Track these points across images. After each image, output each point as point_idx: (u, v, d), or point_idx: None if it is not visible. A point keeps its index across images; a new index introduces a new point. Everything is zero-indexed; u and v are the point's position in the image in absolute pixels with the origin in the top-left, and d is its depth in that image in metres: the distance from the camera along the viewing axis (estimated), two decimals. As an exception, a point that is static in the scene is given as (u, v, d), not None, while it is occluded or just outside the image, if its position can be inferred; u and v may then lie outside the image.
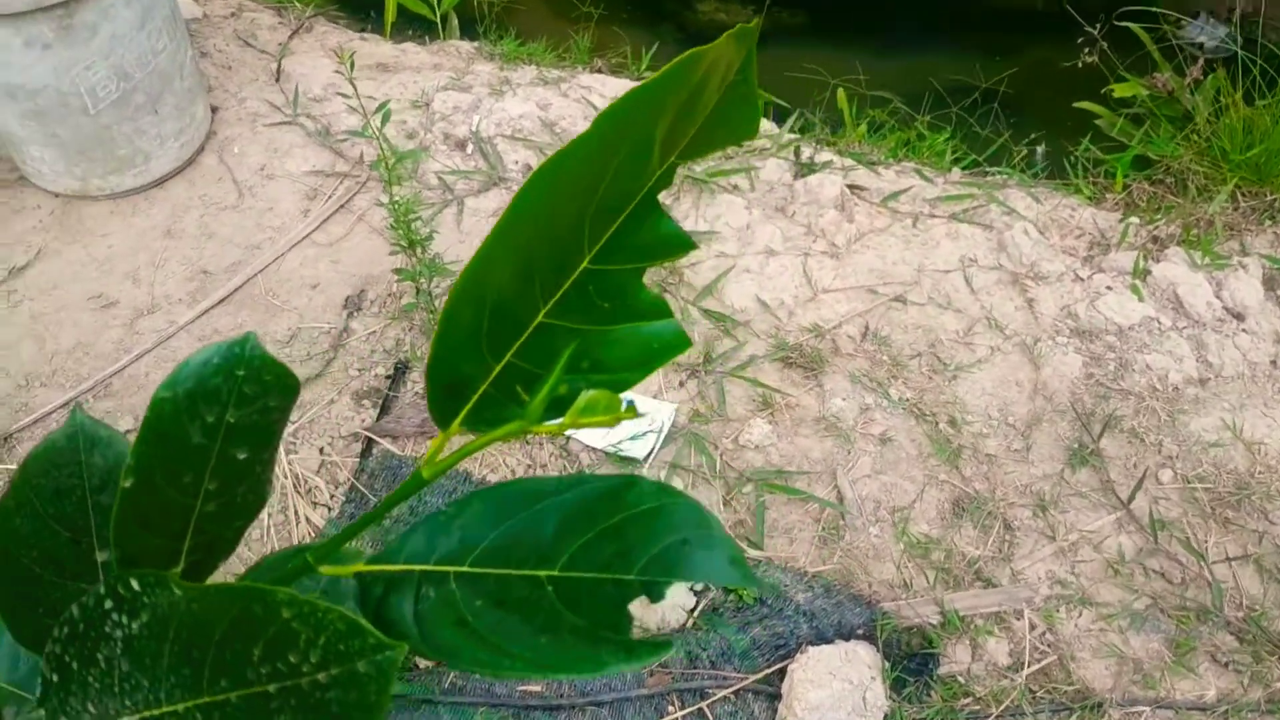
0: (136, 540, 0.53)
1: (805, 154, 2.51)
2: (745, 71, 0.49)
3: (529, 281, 0.49)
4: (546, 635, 0.50)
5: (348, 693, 0.41)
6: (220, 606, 0.42)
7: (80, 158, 2.29)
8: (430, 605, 0.52)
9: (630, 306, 0.54)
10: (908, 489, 1.92)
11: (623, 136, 0.45)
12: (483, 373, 0.51)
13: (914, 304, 2.20)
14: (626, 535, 0.53)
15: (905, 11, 4.56)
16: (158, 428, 0.51)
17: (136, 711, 0.45)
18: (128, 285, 2.24)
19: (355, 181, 2.44)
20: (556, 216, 0.47)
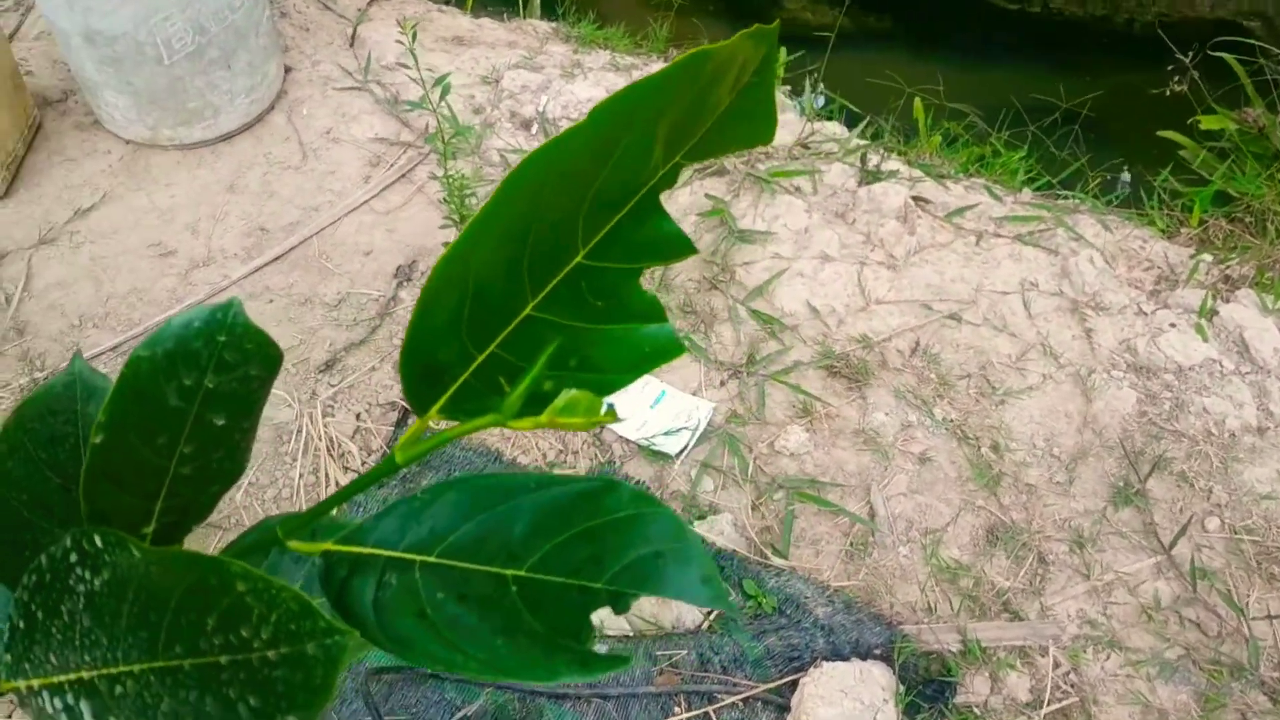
0: (107, 496, 0.53)
1: (872, 161, 2.47)
2: (763, 74, 0.47)
3: (517, 271, 0.48)
4: (503, 637, 0.48)
5: (295, 673, 0.40)
6: (177, 573, 0.41)
7: (152, 107, 2.33)
8: (391, 593, 0.50)
9: (624, 306, 0.52)
10: (942, 511, 1.88)
11: (621, 130, 0.44)
12: (463, 361, 0.50)
13: (968, 323, 2.16)
14: (600, 541, 0.51)
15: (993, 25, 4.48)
16: (134, 385, 0.51)
17: (95, 668, 0.45)
18: (186, 236, 2.27)
19: (418, 152, 2.45)
20: (549, 206, 0.45)
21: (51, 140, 2.47)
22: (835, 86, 2.87)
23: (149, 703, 0.43)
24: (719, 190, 2.37)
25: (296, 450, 1.90)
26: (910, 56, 4.15)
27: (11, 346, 2.05)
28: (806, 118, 2.65)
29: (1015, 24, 4.50)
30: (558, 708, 1.56)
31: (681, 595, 0.48)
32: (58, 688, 0.46)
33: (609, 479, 0.52)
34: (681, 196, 2.37)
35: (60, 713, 0.46)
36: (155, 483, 0.54)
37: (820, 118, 2.70)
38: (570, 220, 0.47)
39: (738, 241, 2.27)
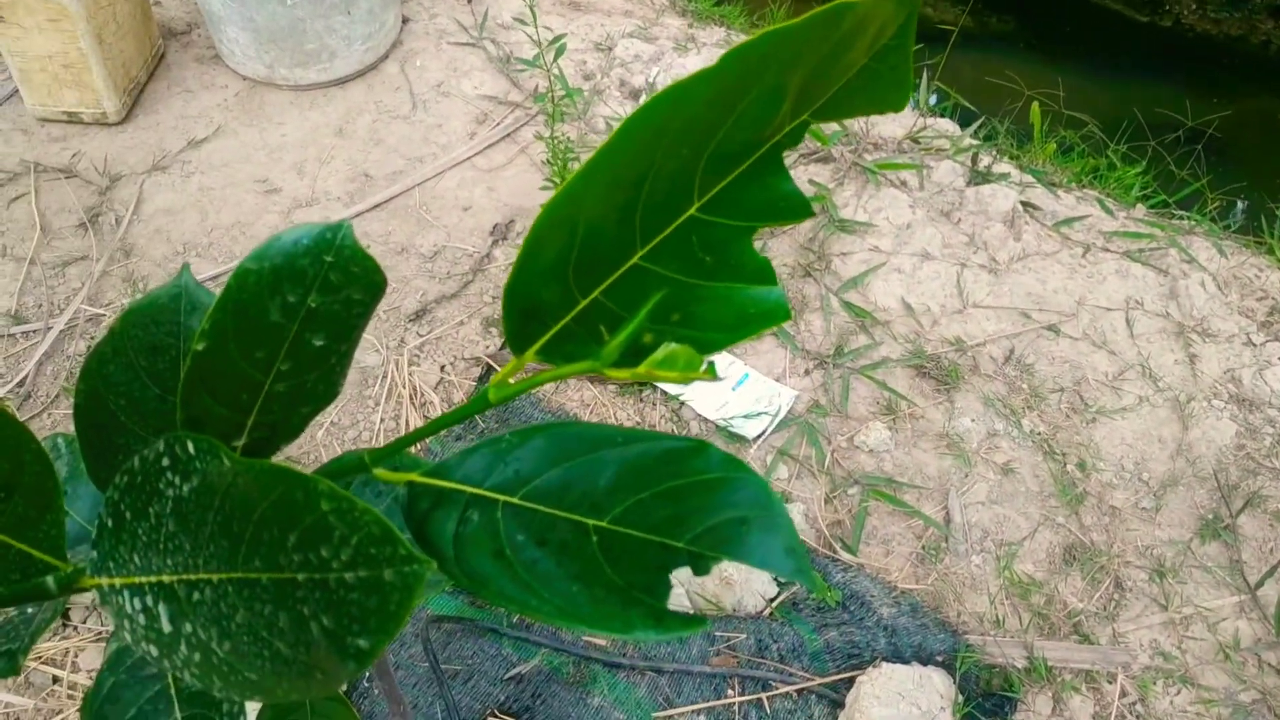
0: (202, 405, 0.53)
1: (983, 162, 2.41)
2: (901, 38, 0.45)
3: (629, 218, 0.46)
4: (580, 584, 0.48)
5: (370, 597, 0.40)
6: (263, 486, 0.41)
7: (271, 45, 2.36)
8: (472, 529, 0.50)
9: (734, 265, 0.50)
10: (1020, 525, 1.83)
11: (753, 79, 0.42)
12: (566, 304, 0.49)
13: (1067, 336, 2.10)
14: (684, 501, 0.50)
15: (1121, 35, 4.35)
16: (238, 298, 0.51)
17: (176, 573, 0.45)
18: (292, 175, 2.30)
19: (525, 113, 2.45)
20: (668, 154, 0.44)
21: (173, 71, 2.52)
22: (952, 84, 2.81)
23: (224, 612, 0.43)
24: (823, 177, 2.34)
25: (380, 395, 1.92)
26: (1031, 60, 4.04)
27: (117, 267, 2.11)
28: (920, 112, 2.60)
29: (1144, 36, 4.36)
30: (611, 676, 1.56)
31: (764, 564, 0.47)
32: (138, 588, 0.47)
33: (699, 440, 0.51)
34: (784, 180, 2.33)
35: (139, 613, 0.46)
36: (250, 397, 0.54)
37: (933, 113, 2.65)
38: (688, 170, 0.46)
39: (837, 230, 2.24)
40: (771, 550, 0.48)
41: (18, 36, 2.20)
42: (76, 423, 0.65)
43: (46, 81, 2.29)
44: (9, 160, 2.29)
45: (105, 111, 2.35)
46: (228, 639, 0.43)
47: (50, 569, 0.55)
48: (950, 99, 2.77)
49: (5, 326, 1.99)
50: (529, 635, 1.58)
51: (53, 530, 0.56)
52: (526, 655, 1.56)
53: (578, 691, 1.53)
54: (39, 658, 1.59)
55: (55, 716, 1.53)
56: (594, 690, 1.54)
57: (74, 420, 0.64)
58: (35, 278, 2.08)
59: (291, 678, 0.43)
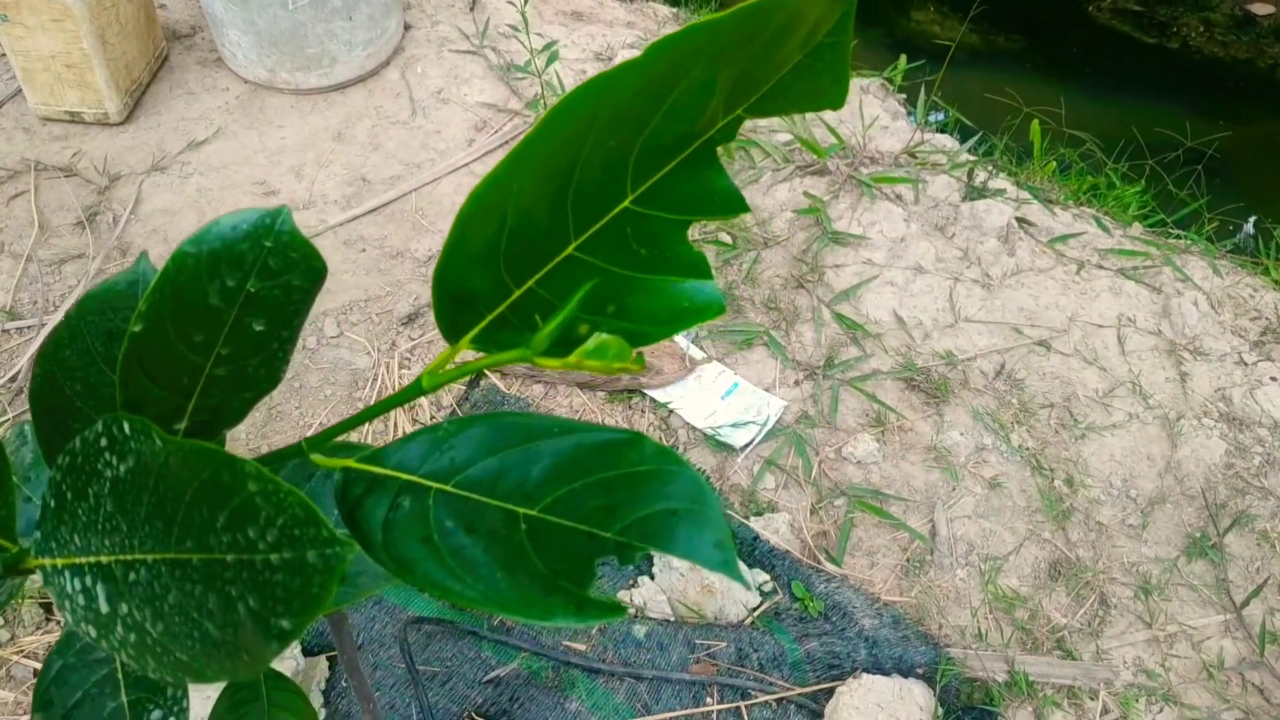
0: (140, 387, 0.54)
1: (979, 177, 2.41)
2: (838, 35, 0.45)
3: (561, 207, 0.47)
4: (504, 571, 0.48)
5: (294, 578, 0.40)
6: (193, 466, 0.42)
7: (272, 49, 2.38)
8: (402, 515, 0.50)
9: (669, 258, 0.51)
10: (1006, 539, 1.83)
11: (680, 72, 0.42)
12: (499, 293, 0.49)
13: (1058, 352, 2.09)
14: (615, 492, 0.50)
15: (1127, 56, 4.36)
16: (176, 279, 0.51)
17: (113, 553, 0.46)
18: (290, 178, 2.32)
19: (524, 120, 2.46)
20: (597, 143, 0.44)
21: (175, 73, 2.54)
22: (952, 100, 2.81)
23: (158, 593, 0.44)
24: (818, 189, 2.34)
25: (369, 397, 1.93)
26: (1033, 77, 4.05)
27: (113, 265, 2.12)
28: (917, 127, 2.60)
29: (1151, 58, 4.36)
30: (590, 681, 1.55)
31: (691, 556, 0.47)
32: (78, 569, 0.47)
33: (634, 432, 0.51)
34: (780, 191, 2.35)
35: (78, 594, 0.47)
36: (190, 380, 0.54)
37: (932, 129, 2.65)
38: (619, 161, 0.46)
39: (830, 243, 2.24)
40: (699, 544, 0.48)
41: (21, 36, 2.22)
42: (32, 406, 0.65)
43: (49, 81, 2.31)
44: (10, 158, 2.31)
45: (107, 111, 2.36)
46: (161, 620, 0.44)
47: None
48: (949, 115, 2.77)
49: (0, 322, 2.00)
50: (509, 639, 1.58)
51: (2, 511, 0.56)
52: (505, 658, 1.56)
53: (556, 696, 1.53)
54: (20, 651, 1.60)
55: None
56: (572, 695, 1.53)
57: (29, 403, 0.64)
58: (31, 274, 2.10)
59: (220, 659, 0.43)
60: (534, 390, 1.98)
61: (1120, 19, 4.59)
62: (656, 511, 0.49)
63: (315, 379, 1.96)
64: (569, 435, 0.53)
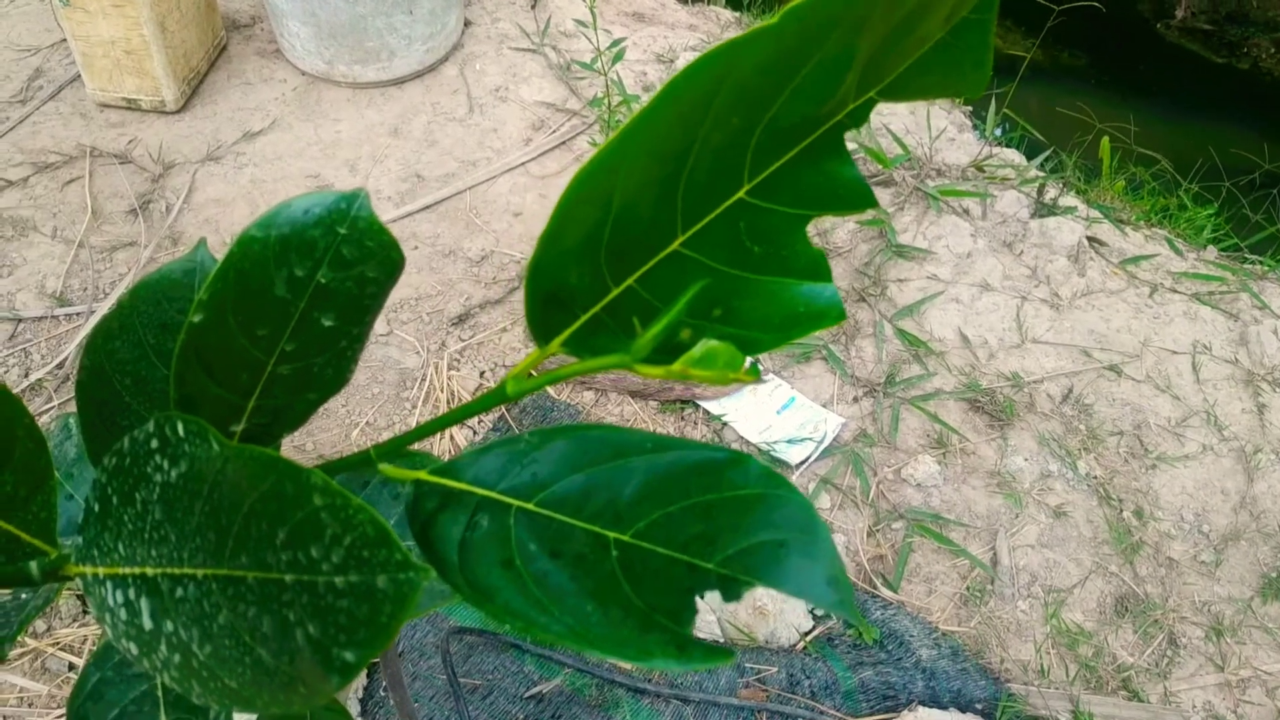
0: (198, 384, 0.49)
1: (1049, 194, 2.34)
2: (984, 12, 0.39)
3: (669, 198, 0.41)
4: (595, 603, 0.42)
5: (360, 605, 0.35)
6: (254, 475, 0.37)
7: (331, 41, 2.35)
8: (480, 535, 0.45)
9: (785, 257, 0.45)
10: (1070, 571, 1.75)
11: (815, 44, 0.37)
12: (597, 292, 0.44)
13: (1129, 378, 2.01)
14: (717, 518, 0.44)
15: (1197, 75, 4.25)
16: (240, 267, 0.47)
17: (160, 565, 0.41)
18: (344, 172, 2.29)
19: (582, 121, 2.42)
20: (716, 124, 0.39)
21: (234, 63, 2.52)
22: (1020, 114, 2.74)
23: (207, 612, 0.39)
24: (883, 200, 2.28)
25: (417, 398, 1.89)
26: (1103, 95, 3.96)
27: (164, 254, 2.10)
28: (986, 140, 2.53)
29: (1221, 78, 4.25)
30: (635, 701, 1.50)
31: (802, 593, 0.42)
32: (121, 580, 0.43)
33: (737, 452, 0.46)
34: (842, 202, 2.28)
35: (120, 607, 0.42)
36: (250, 378, 0.50)
37: (1000, 143, 2.58)
38: (738, 145, 0.40)
39: (895, 256, 2.17)
40: (812, 579, 0.43)
41: (82, 20, 2.21)
42: (78, 400, 0.61)
43: (108, 67, 2.30)
44: (66, 143, 2.30)
45: (164, 99, 2.35)
46: (209, 641, 0.39)
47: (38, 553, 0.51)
48: (1018, 129, 2.69)
49: (49, 308, 1.98)
50: (553, 653, 1.53)
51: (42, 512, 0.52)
52: (549, 674, 1.51)
53: (599, 715, 1.48)
54: (56, 644, 1.57)
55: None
56: (616, 715, 1.48)
57: (76, 396, 0.60)
58: (82, 261, 2.08)
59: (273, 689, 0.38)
60: (584, 397, 1.93)
61: (1190, 38, 4.48)
62: (763, 541, 0.44)
63: (363, 377, 1.92)
64: (663, 452, 0.47)
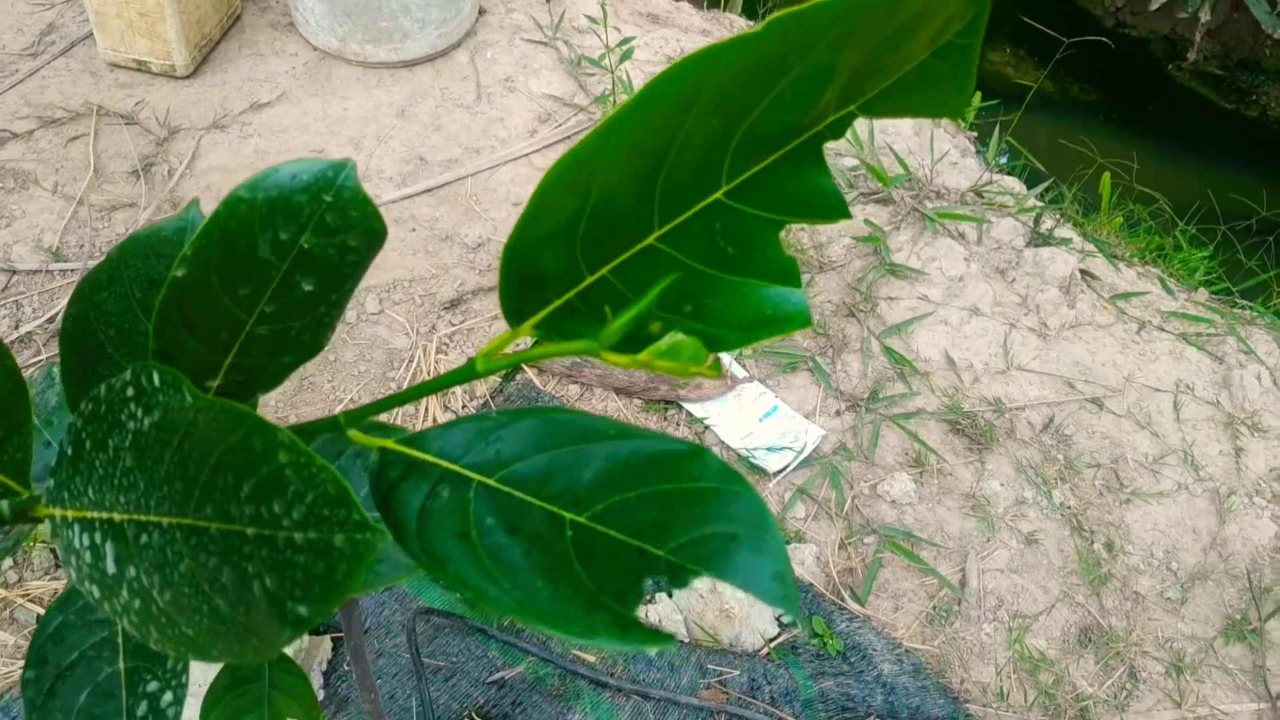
0: (177, 337, 0.50)
1: (1046, 224, 2.35)
2: (969, 36, 0.40)
3: (647, 192, 0.43)
4: (546, 580, 0.44)
5: (317, 561, 0.36)
6: (222, 427, 0.38)
7: (345, 19, 2.36)
8: (440, 506, 0.46)
9: (757, 260, 0.46)
10: (1037, 598, 1.77)
11: (797, 54, 0.38)
12: (571, 278, 0.45)
13: (1110, 412, 2.03)
14: (672, 508, 0.46)
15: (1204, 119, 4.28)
16: (226, 225, 0.48)
17: (127, 511, 0.42)
18: (349, 149, 2.30)
19: (589, 117, 2.43)
20: (697, 125, 0.40)
21: (246, 33, 2.53)
22: (1024, 143, 2.76)
23: (169, 560, 0.40)
24: (880, 218, 2.29)
25: (404, 379, 1.90)
26: (1108, 130, 3.98)
27: (163, 218, 2.10)
28: (987, 166, 2.55)
29: (1227, 123, 4.28)
30: (595, 694, 1.51)
31: (748, 585, 0.43)
32: (88, 523, 0.44)
33: (696, 445, 0.47)
34: (840, 217, 2.29)
35: (85, 550, 0.43)
36: (229, 335, 0.51)
37: (1001, 170, 2.59)
38: (718, 147, 0.42)
39: (887, 274, 2.19)
40: (758, 573, 0.44)
41: (99, -21, 2.22)
42: (61, 347, 0.62)
43: (121, 28, 2.31)
44: (74, 100, 2.31)
45: (174, 64, 2.35)
46: (169, 588, 0.40)
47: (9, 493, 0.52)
48: (1021, 157, 2.71)
49: (45, 262, 1.99)
50: (517, 641, 1.54)
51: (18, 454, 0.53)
52: (512, 661, 1.52)
53: (559, 705, 1.49)
54: (27, 595, 1.58)
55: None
56: (576, 706, 1.49)
57: (59, 344, 0.61)
58: (81, 218, 2.08)
59: (228, 638, 0.40)
60: (569, 390, 1.94)
61: (1200, 81, 4.50)
62: (715, 533, 0.45)
63: (351, 354, 1.93)
64: (626, 440, 0.48)
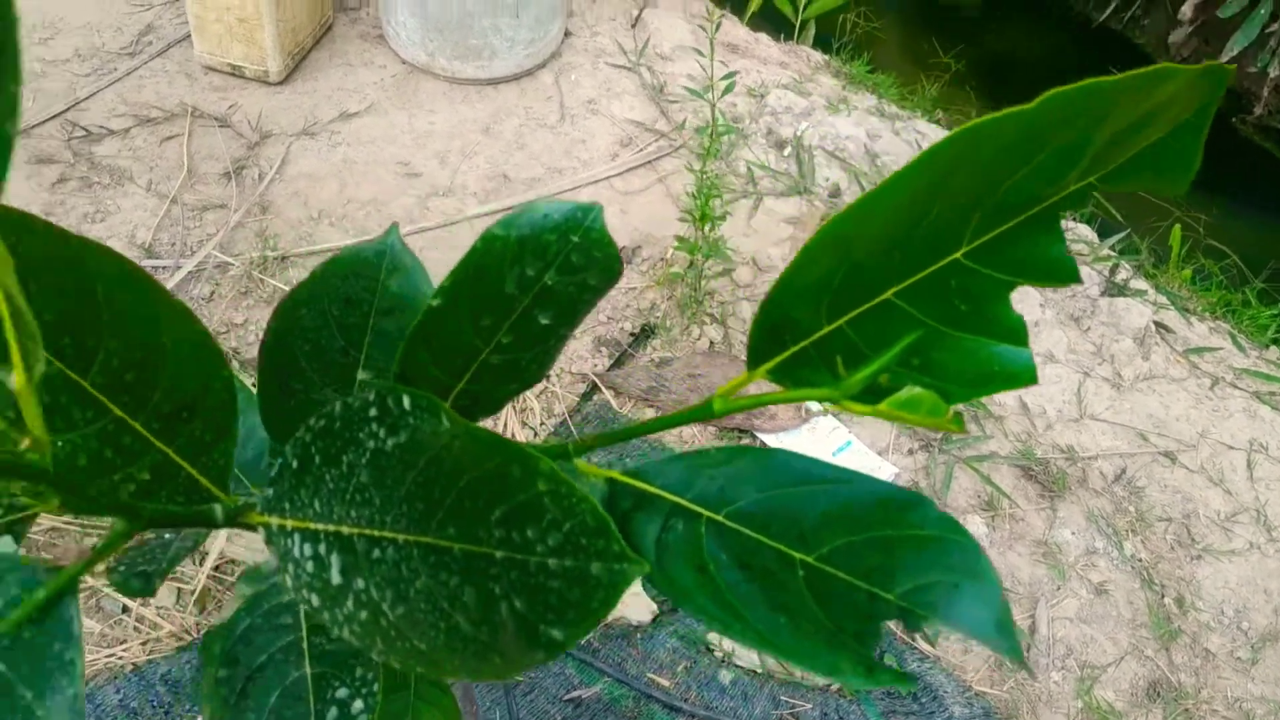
0: (418, 362, 0.52)
1: (1121, 275, 2.35)
2: (1200, 118, 0.42)
3: (892, 251, 0.45)
4: (786, 617, 0.45)
5: (573, 588, 0.38)
6: (479, 454, 0.40)
7: (436, 34, 2.41)
8: (675, 538, 0.48)
9: (988, 318, 0.48)
10: (1107, 649, 1.76)
11: (1057, 130, 0.40)
12: (810, 327, 0.47)
13: (1183, 467, 2.03)
14: (895, 553, 0.47)
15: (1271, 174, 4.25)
16: (480, 262, 0.50)
17: (357, 526, 0.44)
18: (434, 163, 2.33)
19: (669, 143, 2.46)
20: (950, 195, 0.42)
21: (337, 43, 2.58)
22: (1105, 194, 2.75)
23: (404, 575, 0.42)
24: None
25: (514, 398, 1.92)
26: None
27: (252, 220, 2.15)
28: (1061, 213, 2.55)
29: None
30: (668, 718, 1.52)
31: (974, 632, 0.45)
32: (312, 534, 0.46)
33: (916, 493, 0.49)
34: (916, 256, 2.31)
35: (307, 560, 0.45)
36: (464, 363, 0.53)
37: (1076, 218, 2.60)
38: (965, 213, 0.44)
39: (962, 316, 2.19)
40: (983, 621, 0.46)
41: (203, -15, 2.27)
42: (260, 359, 0.64)
43: (219, 32, 2.36)
44: (170, 100, 2.36)
45: (268, 70, 2.40)
46: (403, 603, 0.42)
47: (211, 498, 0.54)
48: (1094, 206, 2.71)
49: (137, 258, 2.03)
50: (594, 660, 1.55)
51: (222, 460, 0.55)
52: (589, 680, 1.54)
53: (632, 727, 1.50)
54: (113, 585, 1.61)
55: (119, 645, 1.54)
56: (649, 729, 1.50)
57: (259, 356, 0.63)
58: (174, 216, 2.13)
59: (465, 655, 0.41)
60: (646, 413, 1.96)
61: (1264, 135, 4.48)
62: (939, 581, 0.47)
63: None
64: (845, 484, 0.50)
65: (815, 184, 2.42)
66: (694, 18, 2.88)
